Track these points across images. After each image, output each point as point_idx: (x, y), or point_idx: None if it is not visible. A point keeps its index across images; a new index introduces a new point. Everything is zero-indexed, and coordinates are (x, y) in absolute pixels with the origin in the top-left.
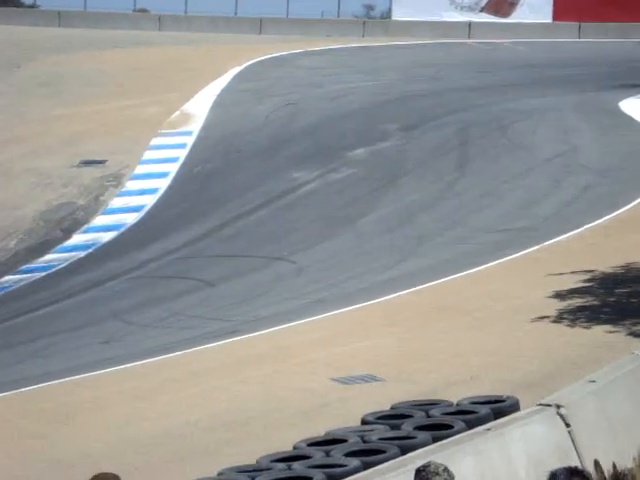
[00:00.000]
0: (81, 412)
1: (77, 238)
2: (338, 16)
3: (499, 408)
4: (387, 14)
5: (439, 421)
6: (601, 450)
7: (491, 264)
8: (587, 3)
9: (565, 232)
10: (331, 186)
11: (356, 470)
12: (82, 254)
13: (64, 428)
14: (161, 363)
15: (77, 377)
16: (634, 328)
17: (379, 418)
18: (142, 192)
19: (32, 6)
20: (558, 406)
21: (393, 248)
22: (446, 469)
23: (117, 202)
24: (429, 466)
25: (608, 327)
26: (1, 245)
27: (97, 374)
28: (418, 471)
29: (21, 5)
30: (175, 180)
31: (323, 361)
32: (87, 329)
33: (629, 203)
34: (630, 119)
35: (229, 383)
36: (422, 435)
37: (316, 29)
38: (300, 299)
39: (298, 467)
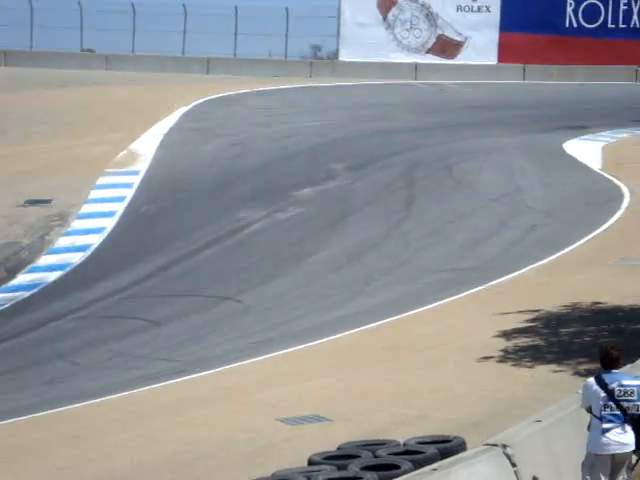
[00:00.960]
0: (23, 454)
1: (22, 278)
2: (286, 57)
3: (446, 448)
4: (334, 55)
5: (386, 461)
6: None
7: (438, 303)
8: (531, 46)
9: (511, 272)
10: (279, 225)
11: None
12: (27, 294)
13: (5, 472)
14: (106, 404)
15: (20, 418)
16: (579, 367)
17: (326, 458)
18: (88, 231)
19: None
20: (504, 446)
21: (341, 287)
22: None
23: (63, 241)
24: None
25: (553, 366)
26: None
27: (41, 415)
28: None
29: None
30: (122, 219)
31: (269, 401)
32: (31, 369)
33: (573, 243)
34: (574, 160)
35: (174, 424)
36: (369, 475)
37: (264, 69)
38: (247, 339)
39: None
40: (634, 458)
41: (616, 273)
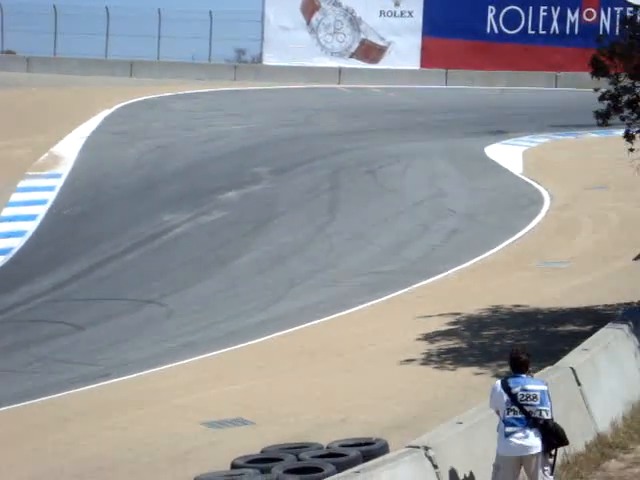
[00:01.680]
0: None
1: None
2: (209, 60)
3: (369, 451)
4: (258, 59)
5: (309, 464)
6: None
7: (361, 307)
8: (453, 51)
9: (433, 275)
10: (202, 229)
11: None
12: None
13: None
14: (26, 408)
15: None
16: (500, 370)
17: (249, 462)
18: (9, 235)
19: None
20: (426, 448)
21: (265, 291)
22: None
23: None
24: None
25: (475, 369)
26: None
27: None
28: None
29: None
30: (43, 223)
31: (192, 405)
32: None
33: (495, 247)
34: (495, 165)
35: (96, 428)
36: (292, 479)
37: (187, 72)
38: (170, 342)
39: None
40: (549, 460)
41: (536, 276)
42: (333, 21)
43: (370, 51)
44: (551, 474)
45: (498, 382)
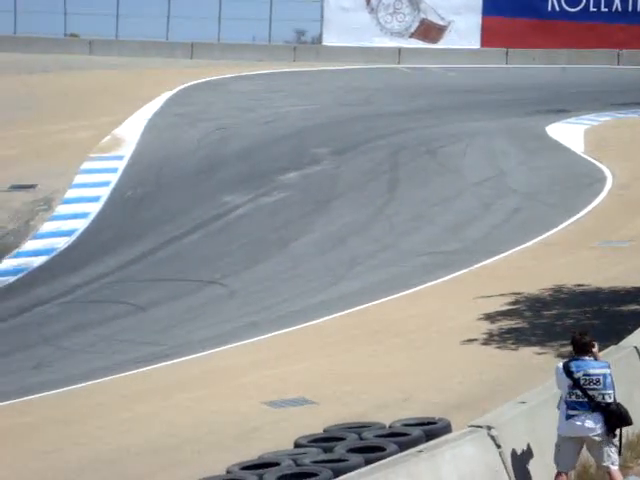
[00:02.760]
0: (10, 438)
1: (7, 263)
2: (269, 41)
3: (431, 430)
4: (318, 39)
5: (372, 444)
6: (531, 471)
7: (422, 287)
8: (514, 30)
9: (494, 255)
10: (263, 210)
11: None
12: (12, 279)
13: None
14: (92, 388)
15: (6, 403)
16: (562, 349)
17: (312, 441)
18: (73, 216)
19: None
20: (489, 427)
21: (325, 271)
22: None
23: (48, 226)
24: None
25: (537, 349)
26: None
27: (27, 399)
28: None
29: None
30: (107, 204)
31: (255, 385)
32: (17, 354)
33: (556, 226)
34: (556, 143)
35: (160, 408)
36: (355, 458)
37: (247, 54)
38: (232, 322)
39: None
40: (614, 441)
41: (598, 255)
42: (393, 1)
43: (430, 31)
44: (619, 454)
45: (560, 364)
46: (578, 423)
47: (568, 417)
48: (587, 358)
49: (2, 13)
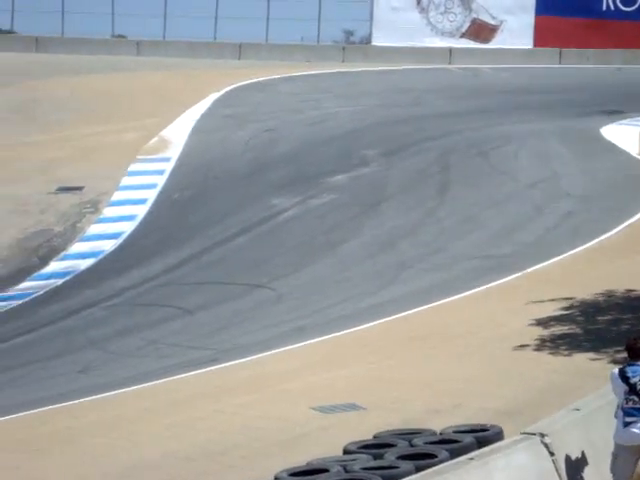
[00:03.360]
0: (56, 442)
1: (54, 265)
2: (318, 41)
3: (483, 437)
4: (367, 39)
5: (422, 450)
6: (585, 479)
7: (472, 291)
8: (568, 29)
9: (546, 259)
10: (311, 212)
11: None
12: (59, 282)
13: (38, 459)
14: (139, 392)
15: (53, 407)
16: (616, 355)
17: (361, 447)
18: (120, 219)
19: (9, 32)
20: (542, 435)
21: (374, 275)
22: None
23: (94, 229)
24: None
25: (590, 354)
26: None
27: (73, 403)
28: None
29: None
30: (154, 207)
31: (303, 390)
32: (64, 358)
33: (610, 230)
34: (612, 145)
35: (208, 412)
36: (405, 465)
37: (296, 54)
38: (280, 327)
39: None
40: None
41: None
42: (444, 0)
43: (481, 30)
44: None
45: (616, 370)
46: (636, 431)
47: (625, 425)
48: None
49: (50, 14)
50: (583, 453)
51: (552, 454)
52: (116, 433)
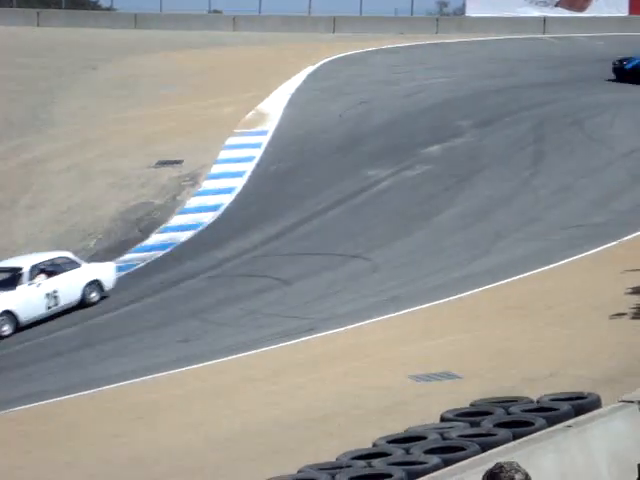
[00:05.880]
0: (160, 410)
1: (155, 238)
2: (411, 13)
3: (580, 405)
4: (461, 10)
5: (519, 418)
6: None
7: (568, 260)
8: None
9: None
10: (406, 183)
11: (436, 467)
12: (160, 254)
13: (144, 426)
14: (239, 361)
15: (156, 375)
16: None
17: (458, 415)
18: (218, 191)
19: (109, 9)
20: None
21: (469, 245)
22: (518, 469)
23: (194, 202)
24: (503, 467)
25: None
26: (81, 245)
27: (176, 372)
28: (492, 475)
29: (98, 8)
30: (251, 179)
31: (399, 359)
32: (166, 328)
33: None
34: None
35: (306, 381)
36: (502, 432)
37: (389, 27)
38: (376, 297)
39: (378, 464)
40: None
41: None
42: None
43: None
44: None
45: None
46: None
47: None
48: None
49: None
50: None
51: None
52: (217, 401)
